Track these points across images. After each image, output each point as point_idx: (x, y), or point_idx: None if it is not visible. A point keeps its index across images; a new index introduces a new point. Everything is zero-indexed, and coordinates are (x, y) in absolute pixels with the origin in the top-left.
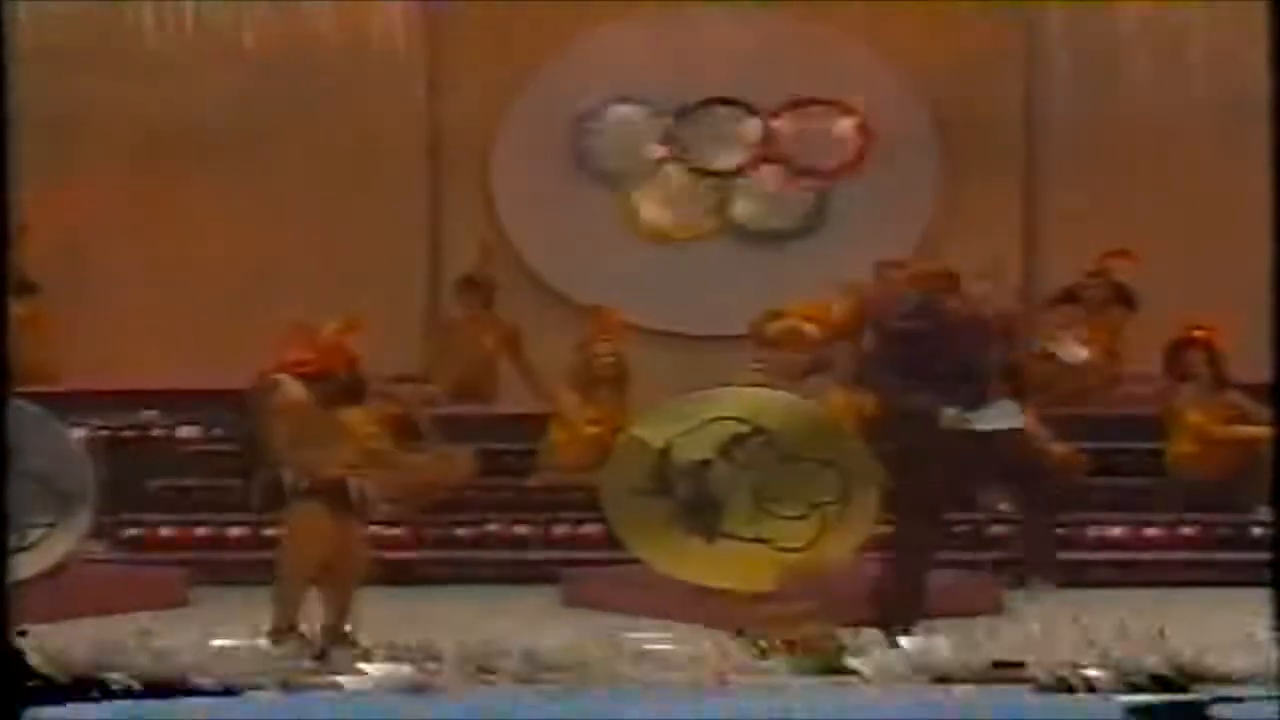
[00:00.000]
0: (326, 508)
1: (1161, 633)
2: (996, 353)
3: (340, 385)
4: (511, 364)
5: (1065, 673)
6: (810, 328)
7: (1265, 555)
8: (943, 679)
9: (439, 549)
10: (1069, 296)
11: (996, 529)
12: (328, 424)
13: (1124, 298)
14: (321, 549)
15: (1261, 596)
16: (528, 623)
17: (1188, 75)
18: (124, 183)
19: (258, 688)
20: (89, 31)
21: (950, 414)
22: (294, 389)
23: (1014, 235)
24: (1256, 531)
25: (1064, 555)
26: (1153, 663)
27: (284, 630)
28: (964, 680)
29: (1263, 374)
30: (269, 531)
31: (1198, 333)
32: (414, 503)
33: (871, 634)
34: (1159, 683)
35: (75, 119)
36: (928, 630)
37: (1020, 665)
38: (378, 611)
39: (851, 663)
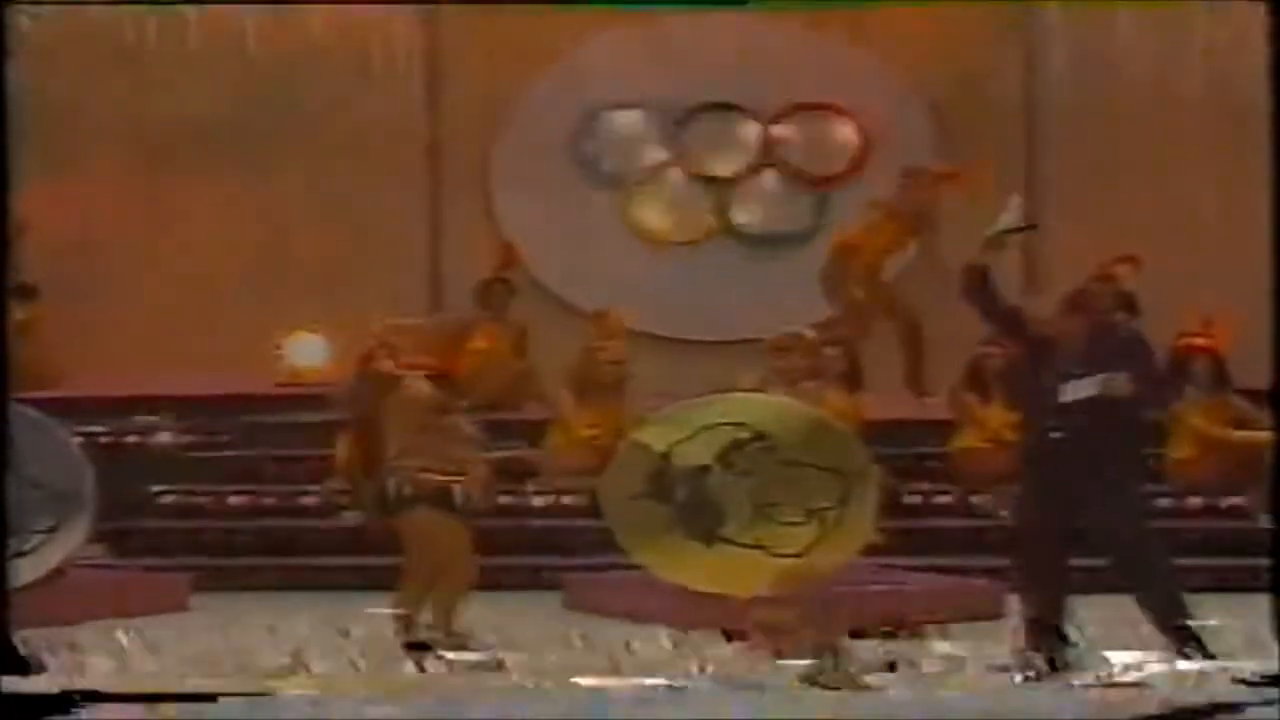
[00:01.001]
0: (436, 511)
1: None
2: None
3: (454, 388)
4: (512, 365)
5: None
6: (808, 332)
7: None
8: None
9: None
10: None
11: (995, 534)
12: (445, 427)
13: (1128, 305)
14: (436, 553)
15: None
16: (529, 627)
17: (1186, 74)
18: (123, 186)
19: None
20: (91, 33)
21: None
22: (421, 388)
23: (1015, 239)
24: (1258, 538)
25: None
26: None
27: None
28: None
29: (1263, 376)
30: (270, 536)
31: (1199, 340)
32: None
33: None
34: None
35: (77, 121)
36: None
37: None
38: (376, 616)
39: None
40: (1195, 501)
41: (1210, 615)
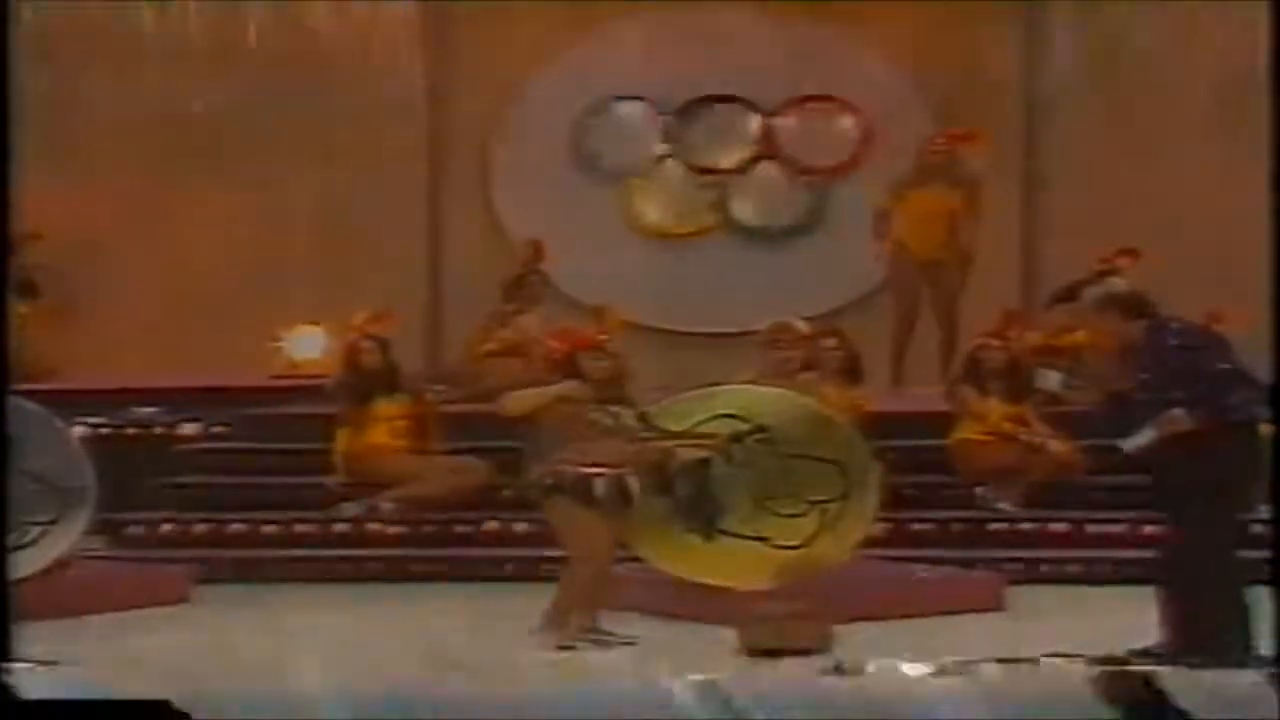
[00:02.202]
0: (576, 504)
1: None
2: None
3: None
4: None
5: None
6: (800, 323)
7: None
8: None
9: (437, 547)
10: (1072, 294)
11: (996, 526)
12: (588, 420)
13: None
14: (575, 546)
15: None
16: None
17: (1189, 69)
18: (123, 182)
19: None
20: (89, 30)
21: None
22: (575, 389)
23: (1014, 232)
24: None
25: (1064, 553)
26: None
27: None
28: None
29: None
30: (269, 529)
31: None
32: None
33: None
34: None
35: (76, 118)
36: None
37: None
38: (375, 609)
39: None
40: None
41: None
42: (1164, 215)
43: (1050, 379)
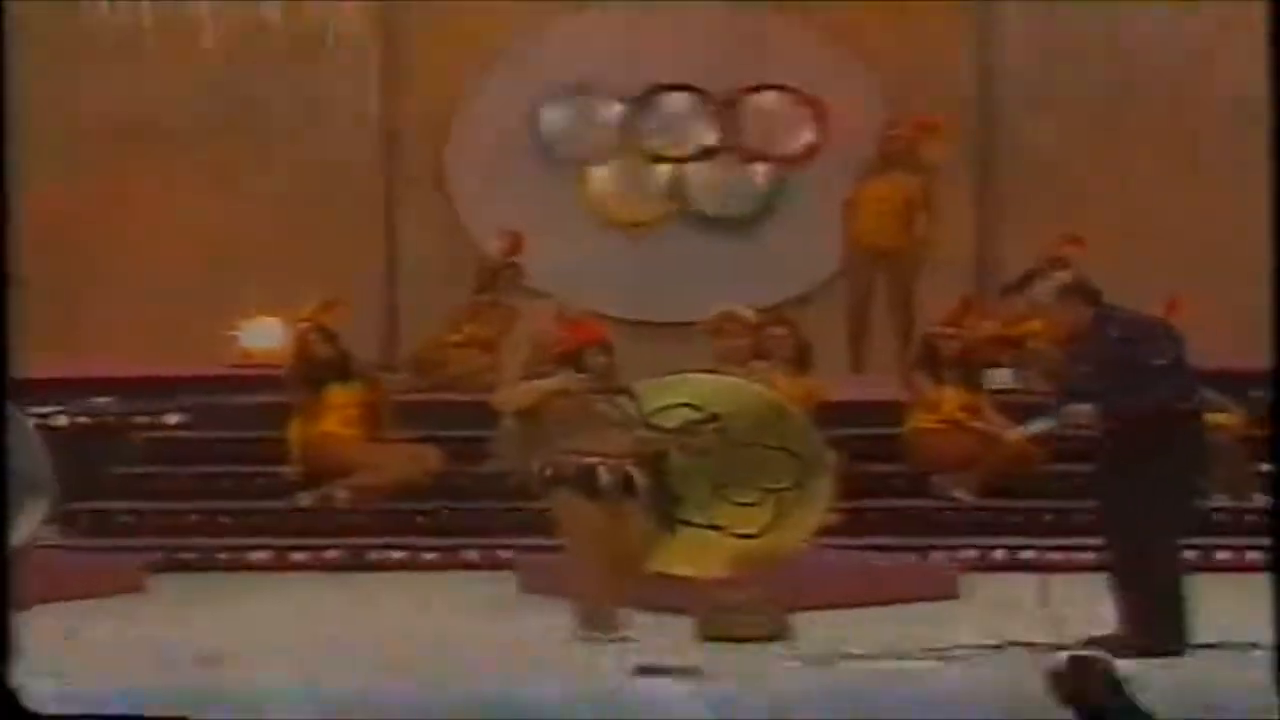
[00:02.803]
0: (578, 495)
1: None
2: None
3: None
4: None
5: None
6: (746, 312)
7: (1225, 541)
8: None
9: (393, 535)
10: (1030, 281)
11: (951, 514)
12: (586, 410)
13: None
14: (577, 537)
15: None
16: (482, 610)
17: (1140, 61)
18: (80, 174)
19: None
20: (45, 24)
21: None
22: (573, 381)
23: (968, 220)
24: (1216, 518)
25: (1019, 541)
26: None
27: (597, 624)
28: None
29: (1215, 361)
30: (225, 518)
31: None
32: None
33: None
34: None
35: (31, 111)
36: None
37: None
38: (335, 598)
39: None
40: None
41: None
42: (1117, 206)
43: (1000, 377)
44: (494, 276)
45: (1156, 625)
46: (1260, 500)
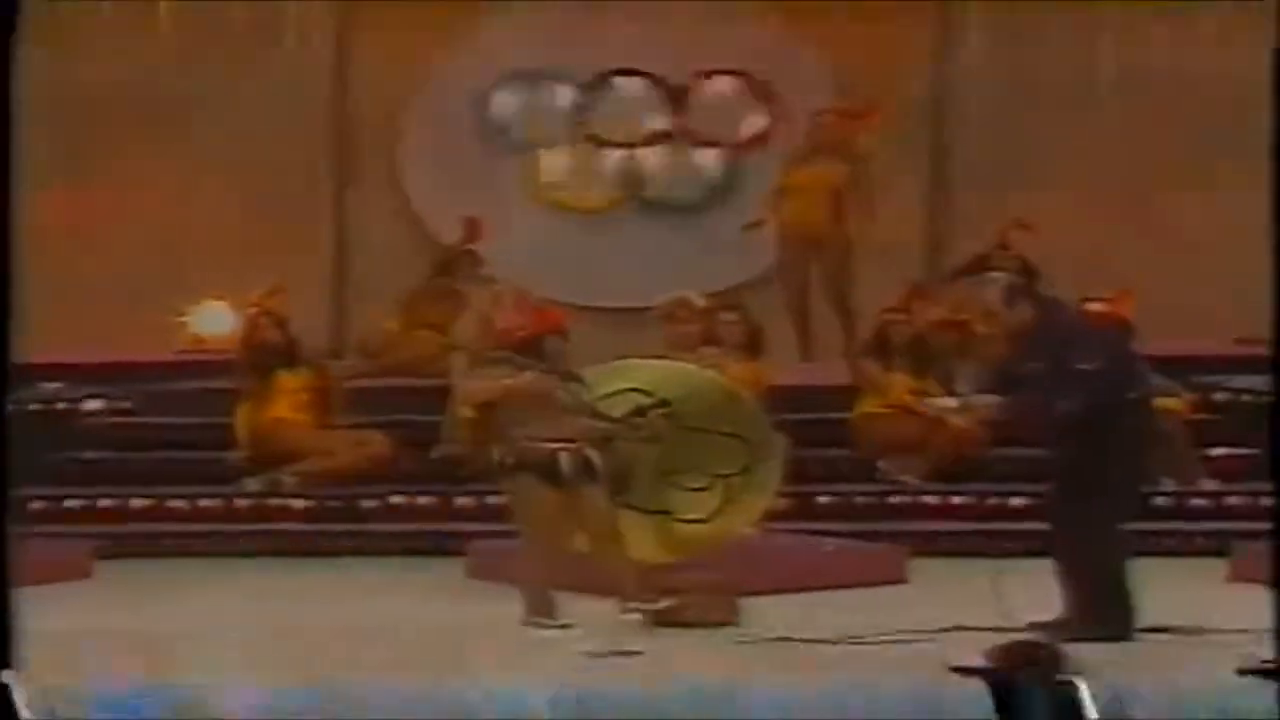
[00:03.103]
0: (538, 481)
1: None
2: None
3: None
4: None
5: None
6: (697, 298)
7: (1172, 525)
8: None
9: (341, 521)
10: (979, 266)
11: (898, 499)
12: (546, 396)
13: (1028, 270)
14: (534, 523)
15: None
16: (431, 596)
17: (1097, 54)
18: (26, 158)
19: None
20: None
21: None
22: (534, 381)
23: (921, 207)
24: (1160, 502)
25: (967, 526)
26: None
27: (543, 610)
28: None
29: (1163, 346)
30: (172, 504)
31: (1101, 304)
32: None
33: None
34: None
35: None
36: None
37: None
38: (279, 585)
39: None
40: None
41: None
42: (1070, 187)
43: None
44: (451, 263)
45: (1102, 610)
46: (1208, 485)
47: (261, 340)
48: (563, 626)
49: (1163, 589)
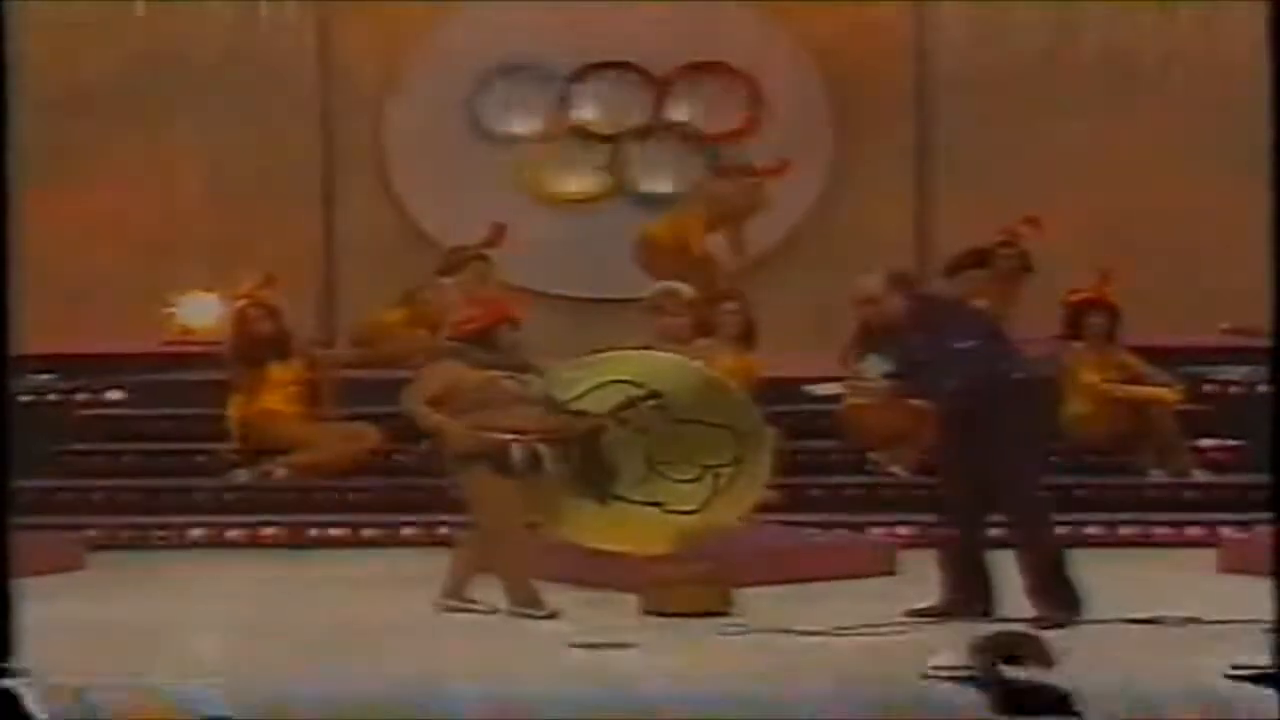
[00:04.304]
0: (491, 472)
1: None
2: None
3: (499, 345)
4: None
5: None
6: (685, 289)
7: (1163, 516)
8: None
9: (333, 512)
10: (978, 261)
11: (888, 492)
12: (495, 387)
13: (1026, 266)
14: (487, 514)
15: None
16: (421, 587)
17: (1079, 36)
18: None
19: None
20: None
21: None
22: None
23: (906, 198)
24: (1149, 495)
25: None
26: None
27: (527, 601)
28: None
29: (1150, 337)
30: (164, 496)
31: (1091, 294)
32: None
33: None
34: None
35: None
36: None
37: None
38: (267, 574)
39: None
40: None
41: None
42: (1055, 176)
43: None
44: (461, 263)
45: (1039, 599)
46: (1198, 476)
47: (253, 331)
48: (549, 616)
49: (1153, 579)
